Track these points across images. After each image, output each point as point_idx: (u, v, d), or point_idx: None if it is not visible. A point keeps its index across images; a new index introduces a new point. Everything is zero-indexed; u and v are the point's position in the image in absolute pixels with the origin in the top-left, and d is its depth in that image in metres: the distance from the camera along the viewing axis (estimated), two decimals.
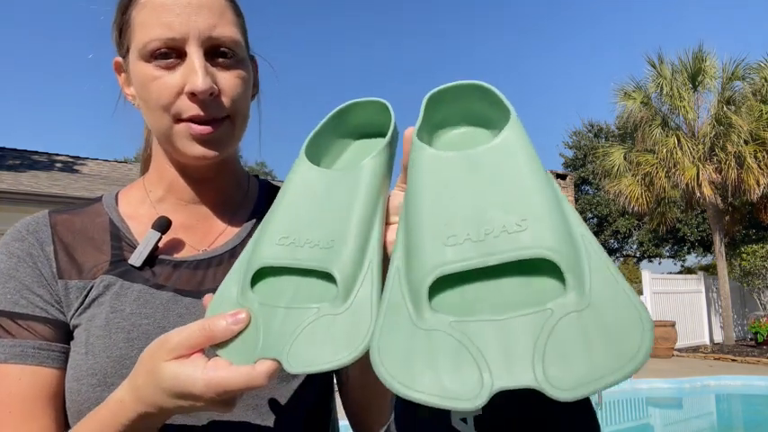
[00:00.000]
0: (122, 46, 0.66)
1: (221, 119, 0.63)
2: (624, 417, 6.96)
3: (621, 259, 29.60)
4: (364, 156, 0.49)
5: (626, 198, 11.93)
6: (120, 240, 0.66)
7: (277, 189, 0.80)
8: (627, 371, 0.30)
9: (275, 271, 0.46)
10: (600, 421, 0.56)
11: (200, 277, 0.65)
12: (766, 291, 11.64)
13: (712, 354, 10.33)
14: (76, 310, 0.62)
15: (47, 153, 12.43)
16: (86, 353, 0.59)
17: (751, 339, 11.69)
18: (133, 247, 0.65)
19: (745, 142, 10.75)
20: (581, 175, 24.92)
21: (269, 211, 0.51)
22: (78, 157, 12.89)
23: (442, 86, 0.48)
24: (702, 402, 7.71)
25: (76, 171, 10.96)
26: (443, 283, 0.37)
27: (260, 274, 0.46)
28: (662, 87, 11.53)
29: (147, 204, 0.71)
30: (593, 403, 0.48)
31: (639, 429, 6.48)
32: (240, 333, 0.43)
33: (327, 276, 0.42)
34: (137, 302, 0.61)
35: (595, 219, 25.33)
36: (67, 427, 0.61)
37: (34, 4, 56.66)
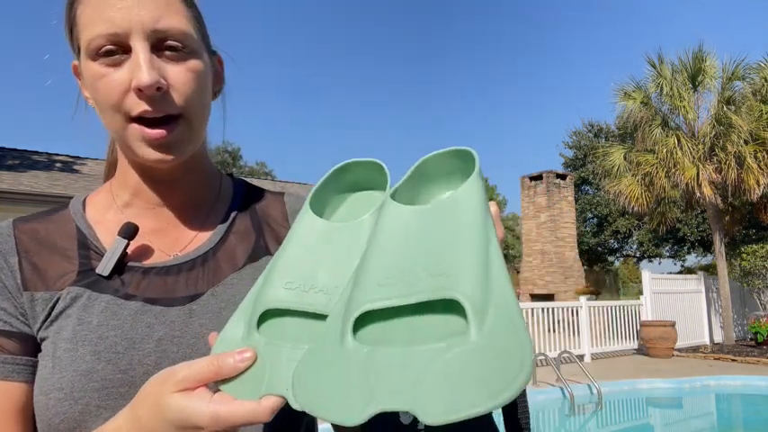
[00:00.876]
0: (74, 46, 0.63)
1: (175, 119, 0.60)
2: (624, 417, 6.96)
3: (621, 259, 29.61)
4: (362, 209, 0.54)
5: (626, 198, 11.93)
6: (87, 249, 0.64)
7: (255, 189, 0.78)
8: (496, 402, 0.33)
9: (279, 313, 0.48)
10: (600, 421, 0.55)
11: (170, 283, 0.63)
12: (766, 291, 11.64)
13: (712, 354, 10.34)
14: (43, 323, 0.60)
15: (47, 153, 12.44)
16: (53, 366, 0.57)
17: (751, 339, 11.69)
18: (101, 255, 0.64)
19: (745, 142, 10.75)
20: (581, 175, 24.92)
21: (275, 255, 0.53)
22: (78, 157, 12.89)
23: (427, 156, 0.53)
24: (702, 402, 7.71)
25: (76, 171, 10.96)
26: (374, 317, 0.41)
27: (264, 316, 0.48)
28: (662, 87, 11.52)
29: (114, 209, 0.69)
30: (594, 403, 0.50)
31: (639, 429, 6.49)
32: (246, 370, 0.45)
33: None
34: (104, 314, 0.60)
35: (595, 219, 25.33)
36: None
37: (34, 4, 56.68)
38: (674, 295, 11.72)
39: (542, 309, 10.06)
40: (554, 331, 9.99)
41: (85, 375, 0.57)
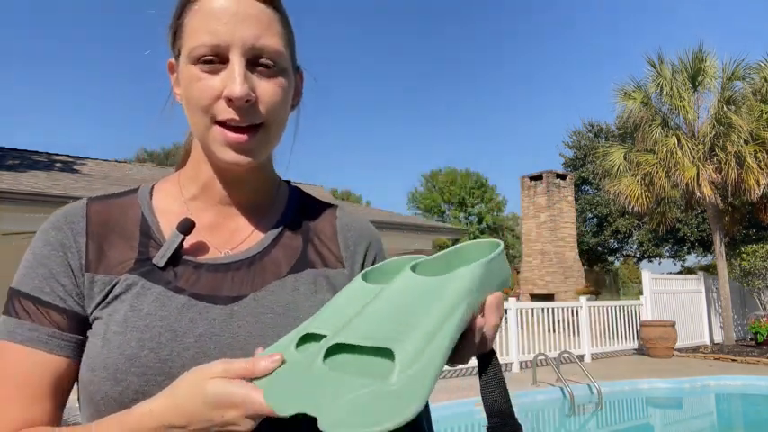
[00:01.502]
0: (175, 48, 0.69)
1: (256, 126, 0.65)
2: (624, 417, 6.96)
3: (621, 259, 29.59)
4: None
5: (626, 198, 11.93)
6: (148, 237, 0.69)
7: (309, 198, 0.83)
8: (375, 429, 0.42)
9: (318, 338, 0.57)
10: (600, 421, 0.56)
11: (218, 281, 0.68)
12: (766, 291, 11.64)
13: (712, 354, 10.33)
14: (99, 304, 0.65)
15: (47, 153, 12.43)
16: (102, 346, 0.62)
17: (751, 339, 11.69)
18: (160, 244, 0.68)
19: (745, 142, 10.74)
20: (581, 175, 24.91)
21: (328, 302, 0.62)
22: (78, 157, 12.89)
23: (467, 243, 0.64)
24: (702, 402, 7.71)
25: (76, 171, 10.95)
26: (349, 349, 0.52)
27: (305, 339, 0.57)
28: (662, 87, 11.52)
29: (180, 201, 0.73)
30: (594, 403, 0.53)
31: (639, 429, 6.48)
32: (276, 372, 0.53)
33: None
34: (154, 304, 0.64)
35: (595, 219, 25.32)
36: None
37: (34, 4, 56.64)
38: (674, 295, 11.72)
39: (542, 309, 10.06)
40: (554, 331, 9.99)
41: (129, 359, 0.60)
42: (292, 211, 0.78)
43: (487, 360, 0.61)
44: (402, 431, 0.45)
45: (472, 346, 0.58)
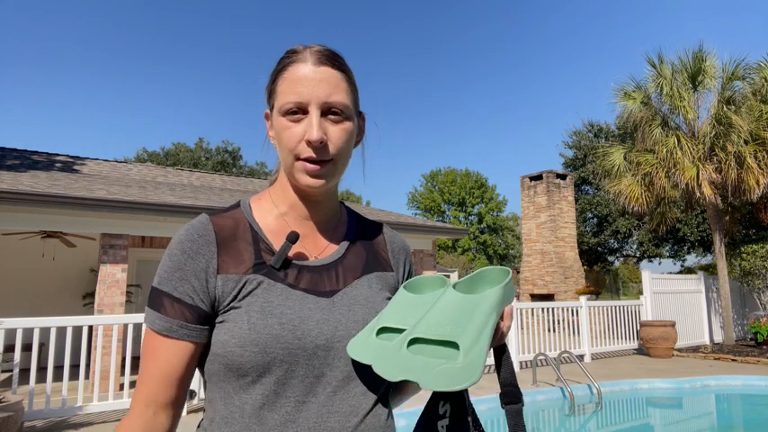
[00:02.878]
0: (270, 103, 0.93)
1: (327, 161, 0.87)
2: (624, 417, 6.96)
3: (621, 259, 29.58)
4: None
5: (626, 198, 11.92)
6: (258, 244, 0.90)
7: (360, 216, 1.08)
8: (455, 387, 0.72)
9: (387, 330, 0.86)
10: (600, 421, 0.58)
11: (317, 280, 0.90)
12: (766, 291, 11.63)
13: (712, 354, 10.33)
14: (234, 297, 0.84)
15: (47, 153, 12.43)
16: (249, 329, 0.82)
17: (751, 339, 11.69)
18: (269, 250, 0.90)
19: (745, 142, 10.74)
20: (581, 175, 24.90)
21: (385, 307, 0.92)
22: (78, 157, 12.89)
23: (487, 268, 0.92)
24: (702, 402, 7.71)
25: (76, 171, 10.94)
26: (423, 341, 0.80)
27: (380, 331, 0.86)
28: (662, 87, 11.51)
29: (275, 215, 0.96)
30: (594, 403, 0.63)
31: (639, 429, 6.48)
32: (378, 353, 0.80)
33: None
34: (281, 296, 0.86)
35: (595, 219, 25.31)
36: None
37: (34, 4, 56.54)
38: (674, 295, 11.72)
39: (542, 309, 10.06)
40: (554, 331, 10.00)
41: (275, 338, 0.82)
42: (354, 226, 1.03)
43: (502, 349, 0.92)
44: (458, 399, 0.89)
45: (496, 340, 0.88)
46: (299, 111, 0.86)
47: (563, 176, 18.11)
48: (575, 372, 7.97)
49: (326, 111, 0.86)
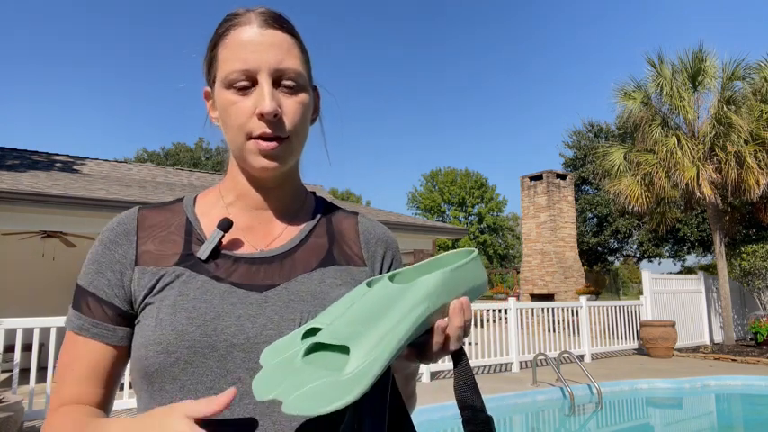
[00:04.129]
0: (210, 77, 0.80)
1: (283, 139, 0.75)
2: (624, 417, 6.95)
3: (621, 259, 29.57)
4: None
5: (626, 198, 11.92)
6: (191, 235, 0.80)
7: (332, 206, 0.94)
8: (324, 409, 0.52)
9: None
10: (600, 421, 0.58)
11: (253, 272, 0.77)
12: (766, 291, 11.63)
13: (712, 354, 10.33)
14: (150, 291, 0.74)
15: (46, 153, 12.43)
16: (155, 326, 0.71)
17: (751, 339, 11.69)
18: (201, 241, 0.79)
19: (745, 142, 10.74)
20: (581, 175, 24.90)
21: (332, 305, 0.69)
22: (78, 157, 12.89)
23: (446, 253, 0.72)
24: (702, 402, 7.71)
25: (76, 171, 10.95)
26: (326, 348, 0.61)
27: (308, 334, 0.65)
28: (662, 87, 11.51)
29: (220, 206, 0.84)
30: (594, 403, 0.57)
31: (639, 429, 6.48)
32: (270, 365, 0.62)
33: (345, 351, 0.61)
34: (200, 290, 0.74)
35: (595, 219, 25.31)
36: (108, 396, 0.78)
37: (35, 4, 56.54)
38: (674, 295, 11.72)
39: (542, 309, 10.06)
40: (554, 331, 9.99)
41: (179, 335, 0.70)
42: (319, 215, 0.89)
43: (457, 358, 0.69)
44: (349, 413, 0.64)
45: (436, 345, 0.66)
46: (247, 81, 0.74)
47: (563, 176, 18.11)
48: (575, 372, 7.97)
49: (279, 80, 0.75)
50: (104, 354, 0.75)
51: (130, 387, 6.92)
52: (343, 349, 0.60)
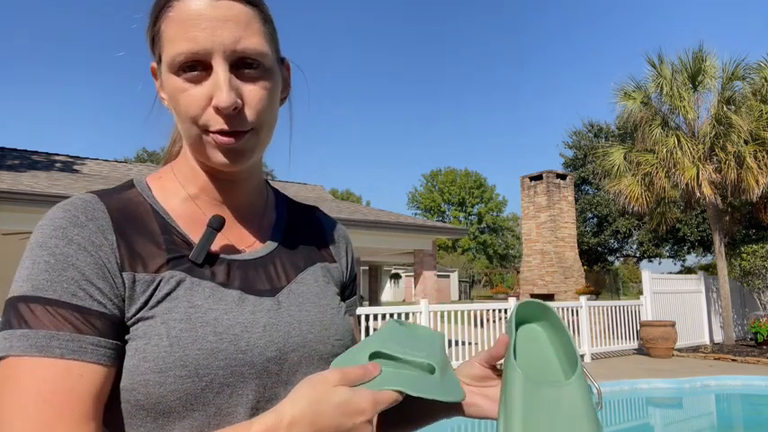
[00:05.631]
0: (155, 54, 0.67)
1: (246, 131, 0.64)
2: (624, 417, 6.96)
3: (621, 259, 29.57)
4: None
5: (626, 198, 11.92)
6: (170, 234, 0.67)
7: (288, 198, 0.87)
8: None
9: (383, 356, 0.66)
10: (600, 421, 0.59)
11: (252, 277, 0.69)
12: (766, 291, 11.63)
13: (712, 354, 10.33)
14: (145, 303, 0.61)
15: (46, 153, 12.43)
16: (170, 345, 0.58)
17: (751, 339, 11.69)
18: (185, 241, 0.67)
19: (745, 142, 10.74)
20: (581, 175, 24.90)
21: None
22: (78, 157, 12.89)
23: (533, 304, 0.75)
24: (702, 402, 7.71)
25: (76, 171, 10.95)
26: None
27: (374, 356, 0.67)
28: (662, 87, 11.51)
29: (183, 198, 0.71)
30: (594, 403, 0.63)
31: (639, 429, 6.48)
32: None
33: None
34: (211, 299, 0.63)
35: (595, 219, 25.31)
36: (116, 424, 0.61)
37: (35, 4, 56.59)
38: (674, 295, 11.72)
39: None
40: None
41: (211, 354, 0.60)
42: (284, 211, 0.81)
43: None
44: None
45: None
46: (198, 65, 0.61)
47: (563, 176, 18.11)
48: None
49: (237, 63, 0.62)
50: (106, 378, 0.58)
51: None
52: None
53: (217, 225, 0.67)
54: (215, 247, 0.69)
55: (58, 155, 12.56)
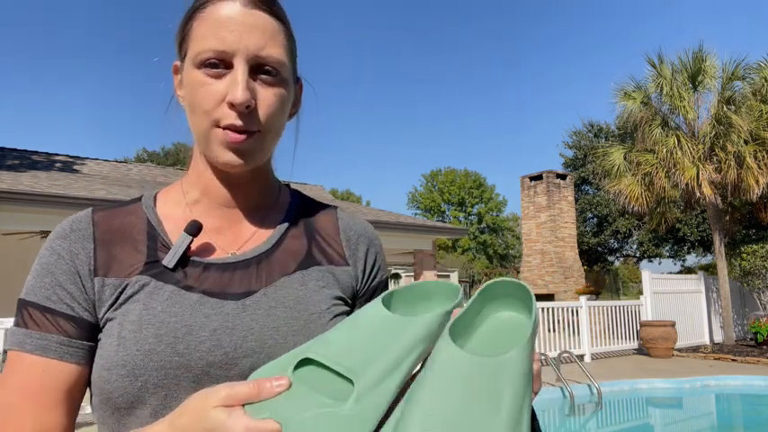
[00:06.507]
0: (181, 52, 0.71)
1: (253, 132, 0.67)
2: (624, 417, 6.96)
3: (621, 259, 29.58)
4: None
5: (626, 198, 11.92)
6: (155, 240, 0.70)
7: (309, 200, 0.85)
8: None
9: (315, 363, 0.57)
10: (600, 421, 0.57)
11: (227, 279, 0.69)
12: (766, 291, 11.63)
13: (712, 354, 10.33)
14: (111, 306, 0.66)
15: (46, 153, 12.43)
16: (118, 345, 0.63)
17: (751, 339, 11.69)
18: (167, 247, 0.70)
19: (745, 142, 10.74)
20: (581, 175, 24.90)
21: (336, 325, 0.62)
22: (78, 157, 12.89)
23: (492, 281, 0.63)
24: (702, 402, 7.71)
25: (76, 171, 10.95)
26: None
27: (303, 363, 0.57)
28: (662, 87, 11.51)
29: (183, 206, 0.75)
30: (594, 403, 0.54)
31: (639, 429, 6.48)
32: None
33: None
34: (168, 302, 0.65)
35: (595, 219, 25.31)
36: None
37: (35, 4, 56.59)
38: (674, 295, 11.72)
39: (542, 309, 10.05)
40: (554, 331, 9.99)
41: (147, 355, 0.62)
42: (294, 211, 0.80)
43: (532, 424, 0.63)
44: None
45: None
46: (221, 63, 0.65)
47: (563, 176, 18.11)
48: (575, 372, 7.97)
49: (257, 68, 0.66)
50: (74, 375, 0.65)
51: None
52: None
53: (192, 230, 0.69)
54: (197, 250, 0.71)
55: (57, 155, 12.56)
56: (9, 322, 5.38)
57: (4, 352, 0.66)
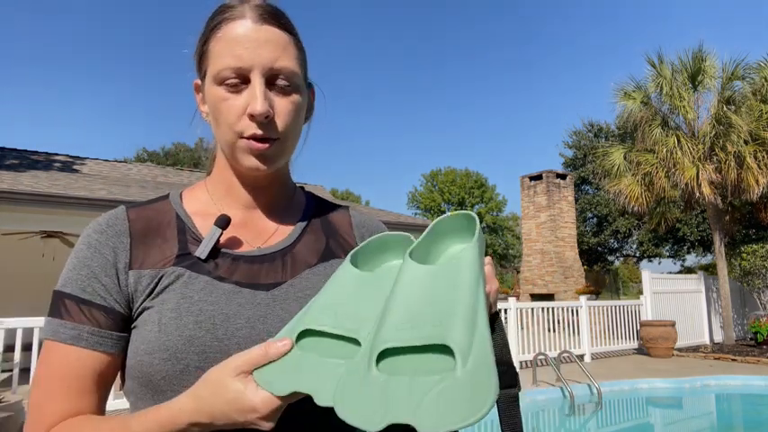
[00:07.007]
0: (201, 70, 0.77)
1: (274, 140, 0.73)
2: (624, 417, 6.96)
3: (621, 259, 29.58)
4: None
5: (626, 198, 11.92)
6: (185, 234, 0.76)
7: (322, 200, 0.92)
8: (470, 421, 0.45)
9: (315, 333, 0.60)
10: (600, 421, 0.58)
11: (255, 271, 0.74)
12: (766, 291, 11.63)
13: (712, 353, 10.33)
14: (148, 295, 0.70)
15: (46, 153, 12.43)
16: (159, 331, 0.67)
17: (751, 339, 11.69)
18: (197, 240, 0.75)
19: (745, 142, 10.74)
20: (581, 174, 24.89)
21: (318, 292, 0.66)
22: (78, 157, 12.89)
23: (440, 218, 0.68)
24: (702, 402, 7.71)
25: (76, 171, 10.95)
26: (391, 353, 0.54)
27: (303, 334, 0.60)
28: (662, 87, 11.51)
29: (209, 203, 0.81)
30: (594, 403, 0.56)
31: (639, 429, 6.48)
32: (281, 359, 0.57)
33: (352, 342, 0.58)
34: (203, 291, 0.70)
35: (595, 219, 25.31)
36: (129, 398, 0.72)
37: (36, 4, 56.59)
38: (674, 295, 11.72)
39: (542, 309, 10.05)
40: (554, 331, 9.99)
41: (188, 341, 0.67)
42: (311, 210, 0.87)
43: (494, 321, 0.67)
44: None
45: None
46: (239, 79, 0.71)
47: (563, 176, 18.11)
48: (575, 372, 7.97)
49: (272, 79, 0.72)
50: (105, 364, 0.69)
51: None
52: (425, 349, 0.53)
53: (222, 224, 0.75)
54: (225, 242, 0.76)
55: (57, 155, 12.55)
56: (11, 322, 5.38)
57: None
